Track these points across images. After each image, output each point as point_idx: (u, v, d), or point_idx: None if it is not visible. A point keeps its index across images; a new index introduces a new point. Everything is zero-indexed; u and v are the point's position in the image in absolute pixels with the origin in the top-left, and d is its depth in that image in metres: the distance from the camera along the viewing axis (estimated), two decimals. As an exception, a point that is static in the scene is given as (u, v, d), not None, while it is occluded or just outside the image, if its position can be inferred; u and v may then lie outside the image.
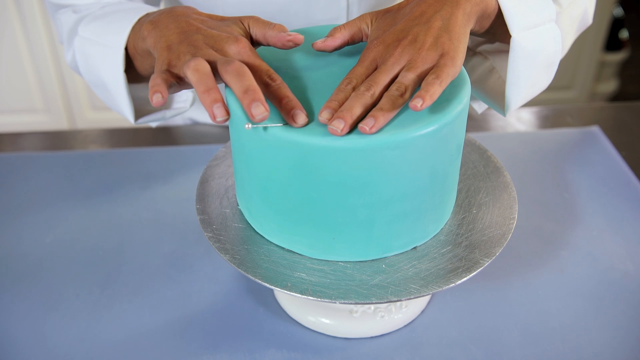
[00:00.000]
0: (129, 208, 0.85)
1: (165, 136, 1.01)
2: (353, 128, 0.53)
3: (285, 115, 0.54)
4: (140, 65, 0.67)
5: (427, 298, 0.72)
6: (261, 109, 0.51)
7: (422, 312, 0.71)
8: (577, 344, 0.68)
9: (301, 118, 0.53)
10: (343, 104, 0.54)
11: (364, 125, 0.52)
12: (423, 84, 0.53)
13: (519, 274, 0.75)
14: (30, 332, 0.69)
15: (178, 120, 1.08)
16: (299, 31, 0.66)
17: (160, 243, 0.79)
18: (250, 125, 0.53)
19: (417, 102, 0.52)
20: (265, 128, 0.54)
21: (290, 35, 0.59)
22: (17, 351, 0.67)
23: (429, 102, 0.52)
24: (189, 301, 0.72)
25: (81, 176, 0.90)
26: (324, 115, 0.53)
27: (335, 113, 0.53)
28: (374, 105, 0.54)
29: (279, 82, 0.56)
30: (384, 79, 0.55)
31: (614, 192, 0.87)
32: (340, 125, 0.52)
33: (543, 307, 0.71)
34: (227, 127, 1.03)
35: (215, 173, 0.70)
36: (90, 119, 2.25)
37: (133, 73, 0.69)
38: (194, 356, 0.66)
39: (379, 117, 0.52)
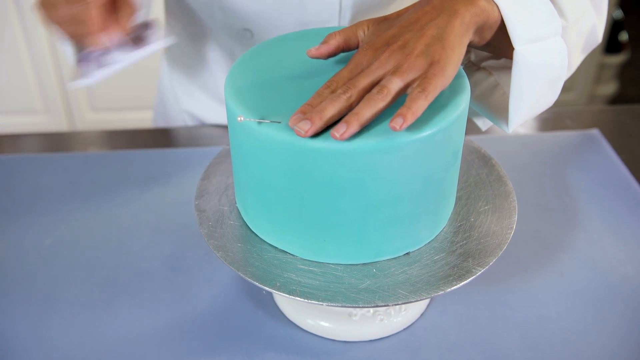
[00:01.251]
0: (128, 210, 0.84)
1: (165, 138, 1.01)
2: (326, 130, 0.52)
3: None
4: None
5: (426, 301, 0.71)
6: None
7: (422, 315, 0.71)
8: (577, 347, 0.67)
9: None
10: None
11: (335, 131, 0.51)
12: (407, 99, 0.51)
13: (519, 277, 0.75)
14: (29, 334, 0.69)
15: (179, 122, 1.08)
16: (295, 35, 0.66)
17: (159, 245, 0.79)
18: (242, 118, 0.53)
19: (396, 123, 0.50)
20: (258, 123, 0.54)
21: None
22: (15, 353, 0.67)
23: (410, 120, 0.50)
24: (187, 304, 0.72)
25: (80, 178, 0.90)
26: (292, 119, 0.52)
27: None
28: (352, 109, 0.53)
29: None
30: (363, 82, 0.53)
31: (613, 196, 0.87)
32: (305, 126, 0.51)
33: (542, 310, 0.71)
34: (227, 128, 1.03)
35: (218, 170, 0.70)
36: (90, 120, 2.25)
37: None
38: (192, 359, 0.66)
39: (351, 123, 0.51)
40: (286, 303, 0.70)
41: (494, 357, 0.67)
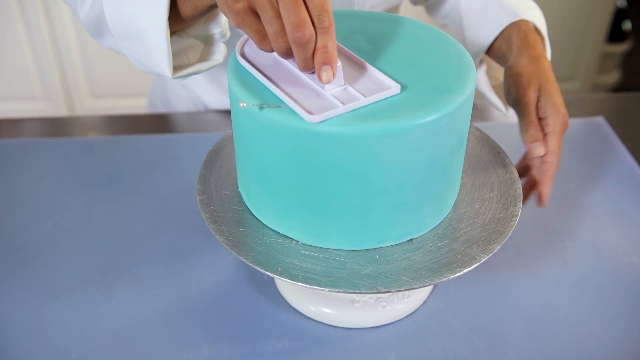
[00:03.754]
0: (129, 196, 0.84)
1: (165, 124, 1.00)
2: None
3: (316, 68, 0.51)
4: (183, 4, 0.61)
5: (429, 288, 0.71)
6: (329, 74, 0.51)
7: (425, 302, 0.70)
8: (580, 335, 0.67)
9: (326, 75, 0.51)
10: None
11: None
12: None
13: (522, 265, 0.75)
14: (30, 320, 0.69)
15: (182, 107, 1.07)
16: None
17: (161, 231, 0.79)
18: (244, 104, 0.53)
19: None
20: (260, 108, 0.53)
21: None
22: (16, 339, 0.67)
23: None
24: (189, 290, 0.72)
25: (80, 163, 0.90)
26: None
27: None
28: None
29: (326, 27, 0.50)
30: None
31: (618, 183, 0.86)
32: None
33: (546, 298, 0.71)
34: (229, 113, 1.02)
35: (220, 155, 0.69)
36: (90, 106, 2.25)
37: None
38: (194, 345, 0.66)
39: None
40: (288, 289, 0.70)
41: (497, 344, 0.66)
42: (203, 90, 1.03)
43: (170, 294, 0.71)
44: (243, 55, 0.58)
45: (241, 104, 0.53)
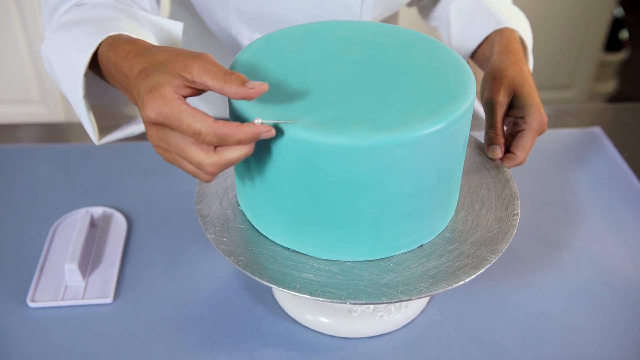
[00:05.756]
0: (127, 202, 0.84)
1: (164, 130, 1.00)
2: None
3: None
4: (107, 77, 0.61)
5: (426, 298, 0.71)
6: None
7: (422, 312, 0.70)
8: (577, 345, 0.67)
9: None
10: None
11: None
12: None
13: (520, 274, 0.75)
14: (27, 327, 0.68)
15: None
16: (310, 26, 0.65)
17: (158, 238, 0.79)
18: (260, 121, 0.52)
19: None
20: (275, 124, 0.53)
21: (253, 87, 0.50)
22: (13, 345, 0.67)
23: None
24: (186, 298, 0.72)
25: (79, 169, 0.90)
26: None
27: None
28: None
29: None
30: None
31: (615, 194, 0.87)
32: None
33: (543, 308, 0.71)
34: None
35: None
36: (88, 111, 2.24)
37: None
38: (191, 354, 0.66)
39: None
40: (286, 298, 0.70)
41: (494, 354, 0.66)
42: (201, 99, 1.03)
43: (168, 301, 0.71)
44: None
45: (256, 120, 0.52)
